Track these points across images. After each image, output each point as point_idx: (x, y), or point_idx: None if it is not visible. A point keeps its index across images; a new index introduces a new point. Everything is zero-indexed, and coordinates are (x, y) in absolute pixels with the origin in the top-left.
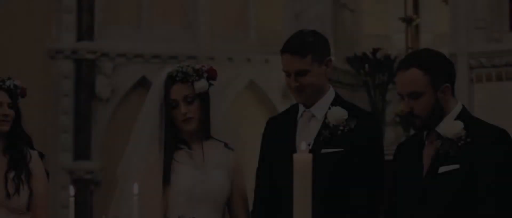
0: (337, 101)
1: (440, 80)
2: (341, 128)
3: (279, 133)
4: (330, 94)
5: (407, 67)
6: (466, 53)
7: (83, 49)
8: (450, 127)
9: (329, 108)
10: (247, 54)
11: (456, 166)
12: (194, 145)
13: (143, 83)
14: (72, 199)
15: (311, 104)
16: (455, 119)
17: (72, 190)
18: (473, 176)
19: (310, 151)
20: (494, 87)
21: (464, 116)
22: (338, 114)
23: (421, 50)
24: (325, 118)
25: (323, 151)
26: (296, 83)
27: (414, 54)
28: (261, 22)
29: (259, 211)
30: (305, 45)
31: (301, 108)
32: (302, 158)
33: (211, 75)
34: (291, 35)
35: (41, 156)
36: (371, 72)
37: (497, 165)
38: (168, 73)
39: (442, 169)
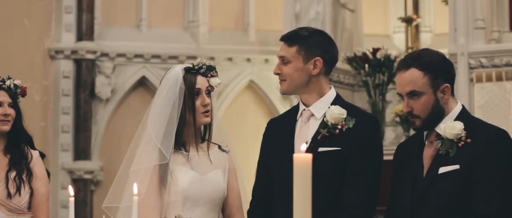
0: (338, 102)
1: (439, 81)
2: (339, 127)
3: (278, 133)
4: (330, 95)
5: (406, 67)
6: (466, 53)
7: (83, 49)
8: (450, 127)
9: (329, 108)
10: (247, 54)
11: (456, 166)
12: (191, 147)
13: (143, 83)
14: (72, 199)
15: (309, 103)
16: (455, 119)
17: (72, 190)
18: (473, 176)
19: (308, 149)
20: (494, 87)
21: (464, 116)
22: (337, 113)
23: (420, 50)
24: (324, 116)
25: (321, 149)
26: (277, 70)
27: (414, 54)
28: (261, 22)
29: (255, 212)
30: (294, 36)
31: (301, 107)
32: (302, 158)
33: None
34: None
35: (42, 155)
36: (371, 72)
37: (497, 165)
38: (186, 67)
39: (442, 169)
